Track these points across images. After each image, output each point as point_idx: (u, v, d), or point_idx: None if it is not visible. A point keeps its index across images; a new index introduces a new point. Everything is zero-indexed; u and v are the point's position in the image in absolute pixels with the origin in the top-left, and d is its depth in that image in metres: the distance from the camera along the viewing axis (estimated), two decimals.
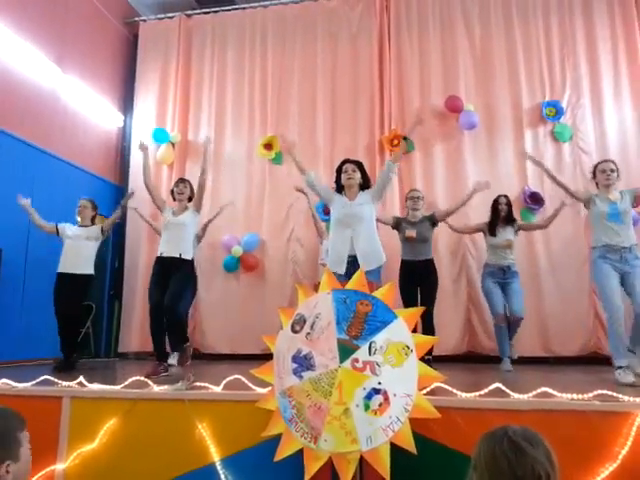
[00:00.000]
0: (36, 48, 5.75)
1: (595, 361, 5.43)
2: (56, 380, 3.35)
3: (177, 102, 7.02)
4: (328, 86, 6.69)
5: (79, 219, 5.15)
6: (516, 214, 5.78)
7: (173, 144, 6.86)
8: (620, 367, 3.50)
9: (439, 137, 6.31)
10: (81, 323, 5.13)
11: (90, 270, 4.98)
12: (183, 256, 4.44)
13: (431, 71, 6.45)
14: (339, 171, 4.08)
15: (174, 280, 4.33)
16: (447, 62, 6.44)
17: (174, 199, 4.73)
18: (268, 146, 6.52)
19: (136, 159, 7.02)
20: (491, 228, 4.89)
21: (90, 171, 6.59)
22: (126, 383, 3.20)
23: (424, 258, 4.70)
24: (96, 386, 3.19)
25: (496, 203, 4.97)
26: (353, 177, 3.95)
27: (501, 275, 4.80)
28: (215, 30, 7.17)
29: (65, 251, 4.93)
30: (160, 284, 4.33)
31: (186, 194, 4.70)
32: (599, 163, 4.08)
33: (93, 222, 5.17)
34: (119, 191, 7.08)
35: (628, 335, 3.71)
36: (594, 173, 4.07)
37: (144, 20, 7.43)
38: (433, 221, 4.79)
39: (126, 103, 7.35)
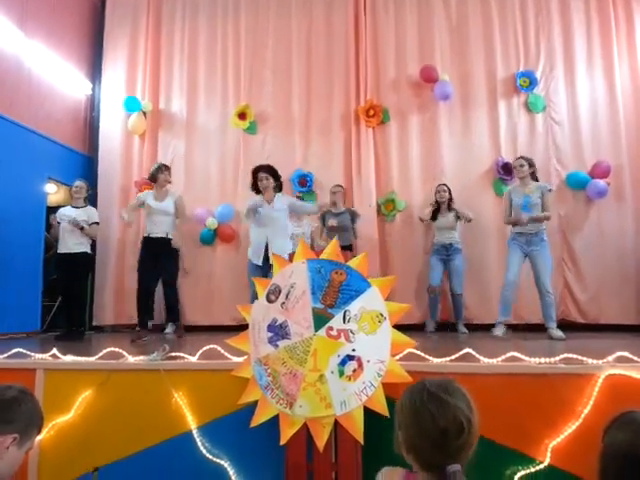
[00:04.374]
0: None
1: (563, 327, 5.61)
2: (29, 353, 3.32)
3: (147, 69, 6.80)
4: (303, 54, 6.57)
5: (74, 199, 5.34)
6: (489, 185, 5.92)
7: (144, 113, 6.68)
8: (500, 322, 4.66)
9: (414, 107, 6.30)
10: (83, 296, 5.58)
11: (87, 248, 5.27)
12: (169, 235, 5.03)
13: (407, 40, 6.38)
14: (255, 177, 4.78)
15: (167, 260, 4.98)
16: (423, 31, 6.38)
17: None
18: (242, 115, 6.40)
19: (105, 128, 6.84)
20: (435, 213, 5.56)
21: (58, 141, 6.38)
22: (100, 355, 3.18)
23: (344, 244, 5.20)
24: (70, 358, 3.17)
25: (436, 192, 5.59)
26: (267, 184, 4.70)
27: (445, 252, 5.45)
28: None
29: (62, 233, 5.17)
30: (150, 263, 4.92)
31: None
32: (514, 161, 4.95)
33: (85, 203, 5.39)
34: (88, 161, 6.89)
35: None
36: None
37: None
38: (353, 216, 5.51)
39: (94, 70, 7.08)
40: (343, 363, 2.47)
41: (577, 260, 5.75)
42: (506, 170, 5.89)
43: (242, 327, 2.98)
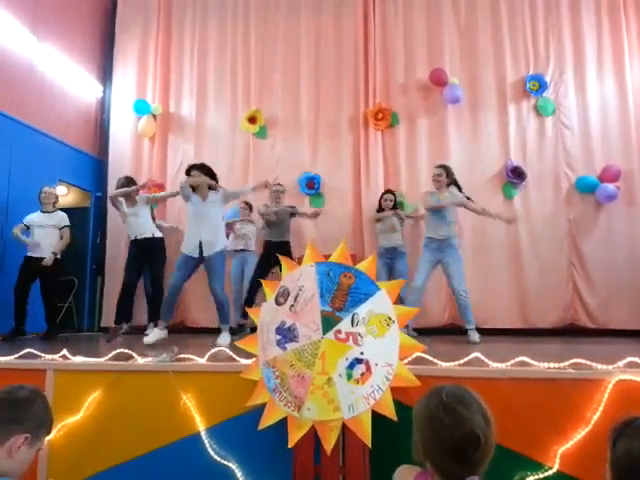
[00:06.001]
0: (10, 15, 5.54)
1: (572, 332, 5.59)
2: (39, 353, 3.34)
3: (158, 73, 6.86)
4: (312, 58, 6.60)
5: (43, 205, 5.36)
6: (498, 188, 5.89)
7: (154, 116, 6.73)
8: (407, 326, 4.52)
9: (423, 111, 6.30)
10: (57, 298, 5.61)
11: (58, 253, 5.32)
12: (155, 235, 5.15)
13: (416, 43, 6.38)
14: (188, 174, 4.64)
15: (155, 260, 5.12)
16: (432, 34, 6.39)
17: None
18: (252, 119, 6.43)
19: (116, 131, 6.89)
20: (378, 218, 5.68)
21: (69, 143, 6.45)
22: (110, 356, 3.20)
23: (280, 240, 5.49)
24: (79, 359, 3.19)
25: (381, 199, 5.74)
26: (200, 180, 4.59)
27: (389, 255, 5.52)
28: None
29: (32, 237, 5.22)
30: (136, 264, 5.03)
31: None
32: (434, 169, 4.94)
33: (54, 208, 5.43)
34: (99, 163, 6.95)
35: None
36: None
37: None
38: (292, 212, 5.65)
39: (105, 73, 7.16)
40: (351, 366, 2.47)
41: (586, 264, 5.72)
42: (516, 174, 5.87)
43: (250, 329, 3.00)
